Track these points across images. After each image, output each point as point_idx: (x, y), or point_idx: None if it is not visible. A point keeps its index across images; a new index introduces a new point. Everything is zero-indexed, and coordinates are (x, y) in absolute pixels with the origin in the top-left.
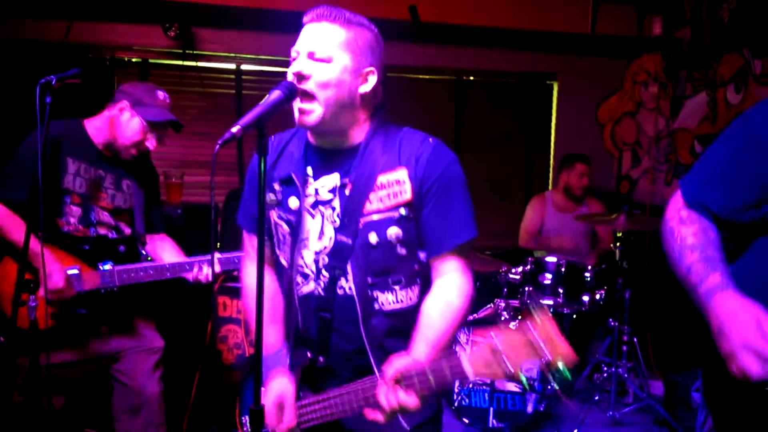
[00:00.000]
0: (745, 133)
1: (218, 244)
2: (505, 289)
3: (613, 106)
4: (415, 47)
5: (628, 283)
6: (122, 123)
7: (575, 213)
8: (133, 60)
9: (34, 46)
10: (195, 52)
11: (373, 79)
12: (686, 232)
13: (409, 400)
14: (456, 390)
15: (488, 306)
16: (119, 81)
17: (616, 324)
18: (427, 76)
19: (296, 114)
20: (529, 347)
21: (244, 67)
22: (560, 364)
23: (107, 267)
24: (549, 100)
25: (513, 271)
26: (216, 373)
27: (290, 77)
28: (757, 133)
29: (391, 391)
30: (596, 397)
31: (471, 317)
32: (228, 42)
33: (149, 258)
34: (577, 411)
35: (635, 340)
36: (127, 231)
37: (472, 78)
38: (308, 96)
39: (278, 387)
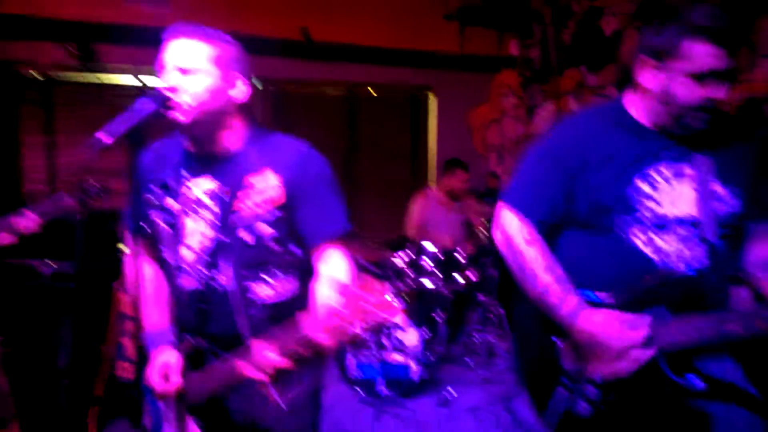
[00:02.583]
0: (549, 152)
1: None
2: (391, 274)
3: (481, 114)
4: (307, 64)
5: (494, 263)
6: None
7: (455, 210)
8: (36, 76)
9: None
10: (96, 67)
11: (243, 88)
12: (533, 253)
13: (276, 360)
14: (350, 363)
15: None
16: (23, 96)
17: (486, 298)
18: (319, 90)
19: (167, 115)
20: (364, 307)
21: (145, 79)
22: (389, 318)
23: None
24: (427, 110)
25: (397, 257)
26: (120, 367)
27: (159, 91)
28: (557, 150)
29: (259, 351)
30: (471, 361)
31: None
32: (130, 57)
33: None
34: (453, 374)
35: (502, 311)
36: None
37: (360, 92)
38: (181, 106)
39: (163, 358)
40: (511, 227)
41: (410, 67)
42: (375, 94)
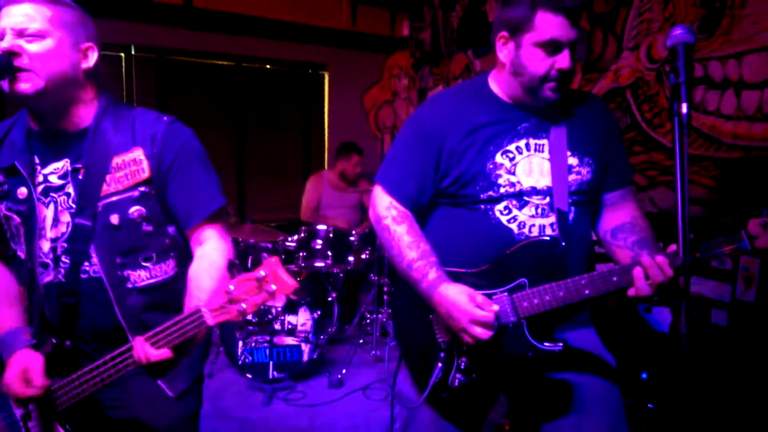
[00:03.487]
0: (417, 130)
1: None
2: (283, 256)
3: (375, 95)
4: (191, 33)
5: None
6: None
7: (348, 192)
8: None
9: None
10: None
11: (93, 55)
12: (401, 230)
13: (159, 353)
14: (239, 349)
15: None
16: None
17: (377, 278)
18: (207, 61)
19: (8, 86)
20: (257, 285)
21: None
22: (284, 292)
23: None
24: (321, 88)
25: (289, 239)
26: None
27: None
28: (425, 128)
29: (141, 347)
30: (361, 341)
31: None
32: None
33: None
34: (346, 354)
35: (394, 290)
36: None
37: (250, 65)
38: (24, 71)
39: (20, 361)
40: (381, 206)
41: (303, 42)
42: (267, 67)
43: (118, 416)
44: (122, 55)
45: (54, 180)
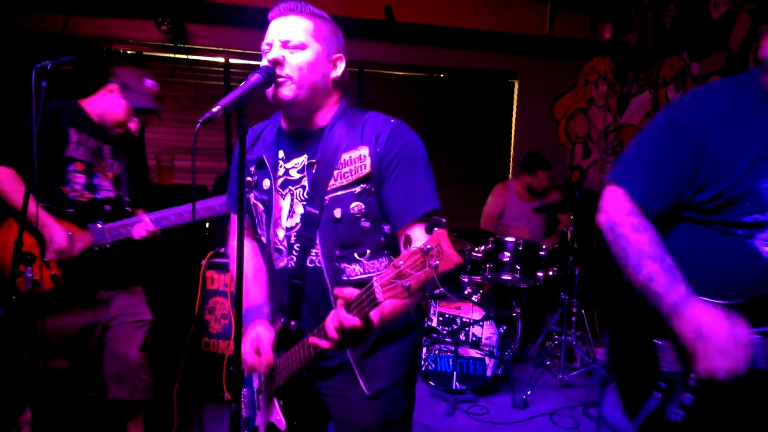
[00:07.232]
0: (674, 128)
1: (207, 224)
2: (469, 266)
3: (567, 102)
4: (390, 46)
5: (577, 261)
6: (110, 103)
7: (535, 204)
8: (128, 52)
9: (36, 37)
10: (186, 45)
11: (341, 65)
12: (641, 239)
13: (351, 319)
14: (423, 355)
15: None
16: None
17: (566, 297)
18: (401, 73)
19: (272, 92)
20: (422, 258)
21: (232, 60)
22: (445, 267)
23: (98, 225)
24: (510, 96)
25: (476, 249)
26: (205, 342)
27: (265, 64)
28: (685, 126)
29: (336, 312)
30: (548, 362)
31: (437, 291)
32: (217, 37)
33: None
34: (530, 374)
35: (583, 311)
36: (126, 199)
37: (441, 75)
38: (285, 79)
39: (255, 332)
40: (618, 211)
41: (495, 51)
42: (457, 77)
43: (334, 404)
44: None
45: (294, 174)
